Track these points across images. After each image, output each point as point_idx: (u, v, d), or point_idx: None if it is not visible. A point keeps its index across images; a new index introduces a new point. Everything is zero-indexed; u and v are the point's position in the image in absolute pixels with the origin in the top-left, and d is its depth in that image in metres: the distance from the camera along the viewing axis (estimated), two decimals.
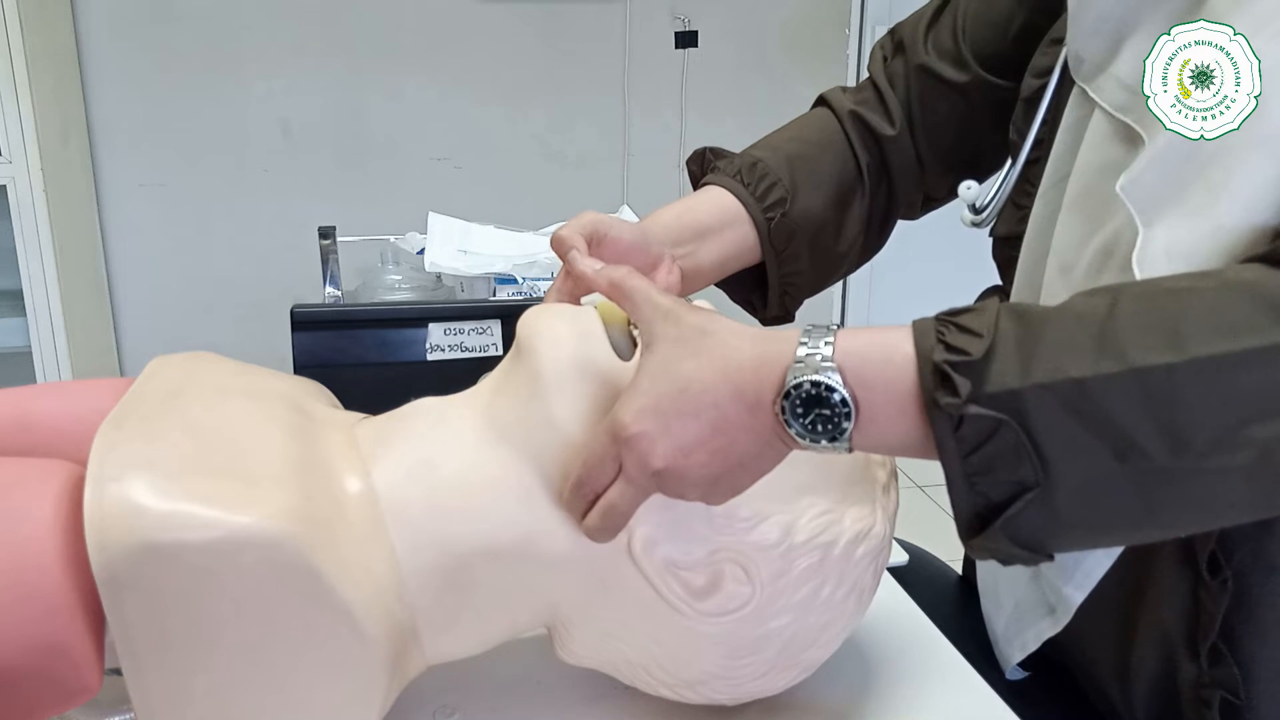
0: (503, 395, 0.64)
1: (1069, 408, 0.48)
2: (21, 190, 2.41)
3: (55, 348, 2.52)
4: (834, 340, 0.52)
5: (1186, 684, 0.67)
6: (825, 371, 0.51)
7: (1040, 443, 0.48)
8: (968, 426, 0.48)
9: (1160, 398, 0.47)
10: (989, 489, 0.50)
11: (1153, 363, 0.47)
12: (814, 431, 0.52)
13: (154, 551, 0.52)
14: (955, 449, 0.49)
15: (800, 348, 0.52)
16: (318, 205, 2.85)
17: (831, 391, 0.51)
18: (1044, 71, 0.75)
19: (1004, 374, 0.48)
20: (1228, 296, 0.49)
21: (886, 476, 0.67)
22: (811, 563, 0.62)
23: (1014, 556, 0.52)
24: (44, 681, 0.54)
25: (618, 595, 0.62)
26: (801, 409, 0.52)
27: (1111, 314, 0.49)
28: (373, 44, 2.88)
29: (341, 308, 1.26)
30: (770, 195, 0.85)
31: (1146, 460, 0.47)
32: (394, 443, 0.64)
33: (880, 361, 0.51)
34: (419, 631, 0.62)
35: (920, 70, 0.88)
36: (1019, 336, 0.49)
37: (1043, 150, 0.75)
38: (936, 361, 0.49)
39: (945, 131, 0.89)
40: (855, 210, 0.90)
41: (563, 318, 0.64)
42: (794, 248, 0.87)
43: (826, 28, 3.07)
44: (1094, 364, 0.48)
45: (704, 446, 0.54)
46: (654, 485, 0.56)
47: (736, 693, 0.67)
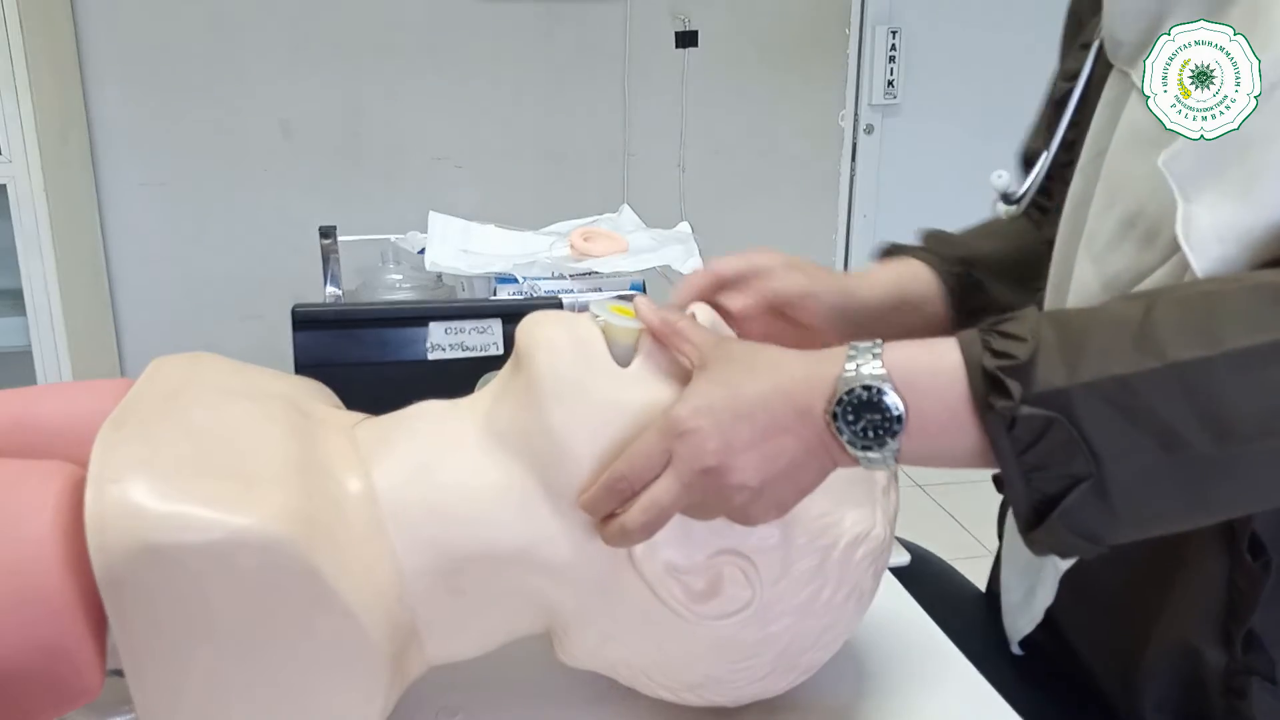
0: (502, 402, 0.64)
1: (1115, 404, 0.50)
2: (21, 190, 2.41)
3: (55, 348, 2.52)
4: (881, 352, 0.54)
5: (1213, 673, 0.68)
6: (876, 378, 0.53)
7: (1090, 437, 0.50)
8: (1020, 427, 0.51)
9: (1199, 390, 0.49)
10: (1044, 484, 0.52)
11: (1189, 357, 0.50)
12: (864, 438, 0.53)
13: (154, 553, 0.52)
14: (1010, 449, 0.51)
15: (849, 360, 0.54)
16: (318, 205, 2.85)
17: (882, 395, 0.53)
18: (1072, 75, 0.77)
19: (1051, 376, 0.51)
20: (1256, 297, 0.51)
21: (886, 479, 0.67)
22: (811, 565, 0.62)
23: (1073, 548, 0.53)
24: (45, 683, 0.54)
25: (617, 600, 0.62)
26: (853, 415, 0.53)
27: (1148, 317, 0.52)
28: (373, 44, 2.88)
29: (342, 307, 1.26)
30: (954, 253, 0.86)
31: (1191, 450, 0.50)
32: (395, 445, 0.64)
33: (928, 369, 0.53)
34: (419, 632, 0.62)
35: None
36: (1060, 340, 0.52)
37: (1073, 153, 0.76)
38: (987, 368, 0.52)
39: None
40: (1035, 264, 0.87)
41: (561, 326, 0.64)
42: (979, 302, 0.85)
43: (826, 27, 3.07)
44: (1135, 362, 0.50)
45: (755, 449, 0.55)
46: (701, 484, 0.56)
47: (736, 695, 0.67)
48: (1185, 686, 0.70)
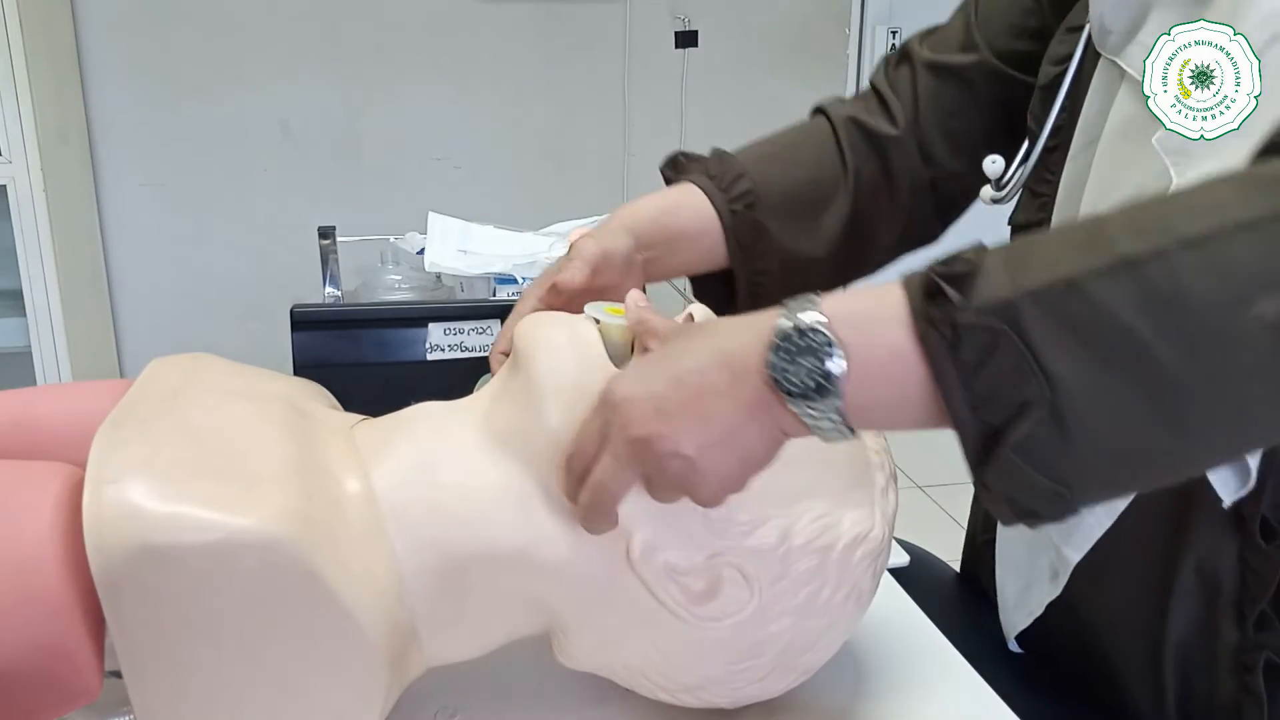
0: (501, 403, 0.64)
1: (1065, 312, 0.45)
2: (21, 190, 2.41)
3: (55, 348, 2.52)
4: (819, 300, 0.50)
5: (1226, 649, 0.68)
6: (812, 319, 0.49)
7: (1040, 353, 0.45)
8: (965, 347, 0.46)
9: (1156, 286, 0.45)
10: (994, 414, 0.46)
11: (1141, 250, 0.45)
12: (803, 389, 0.49)
13: (153, 554, 0.52)
14: (955, 376, 0.46)
15: (784, 313, 0.50)
16: (317, 205, 2.85)
17: (817, 334, 0.48)
18: (1062, 59, 0.76)
19: (995, 285, 0.46)
20: (1212, 186, 0.48)
21: (885, 479, 0.67)
22: (810, 566, 0.62)
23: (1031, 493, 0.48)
24: (44, 684, 0.54)
25: (616, 601, 0.62)
26: (789, 365, 0.49)
27: (1100, 222, 0.48)
28: (373, 44, 2.88)
29: (341, 307, 1.26)
30: (736, 187, 0.84)
31: (1154, 359, 0.45)
32: (394, 445, 0.64)
33: (868, 308, 0.49)
34: (419, 633, 0.62)
35: (927, 66, 0.88)
36: (1006, 255, 0.48)
37: (1061, 138, 0.75)
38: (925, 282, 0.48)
39: (954, 118, 0.87)
40: (833, 213, 0.87)
41: (561, 327, 0.64)
42: (763, 245, 0.85)
43: (826, 27, 3.07)
44: (1083, 262, 0.46)
45: (686, 413, 0.52)
46: (634, 456, 0.54)
47: (735, 697, 0.67)
48: (1203, 665, 0.70)
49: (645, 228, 0.80)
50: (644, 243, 0.80)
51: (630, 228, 0.79)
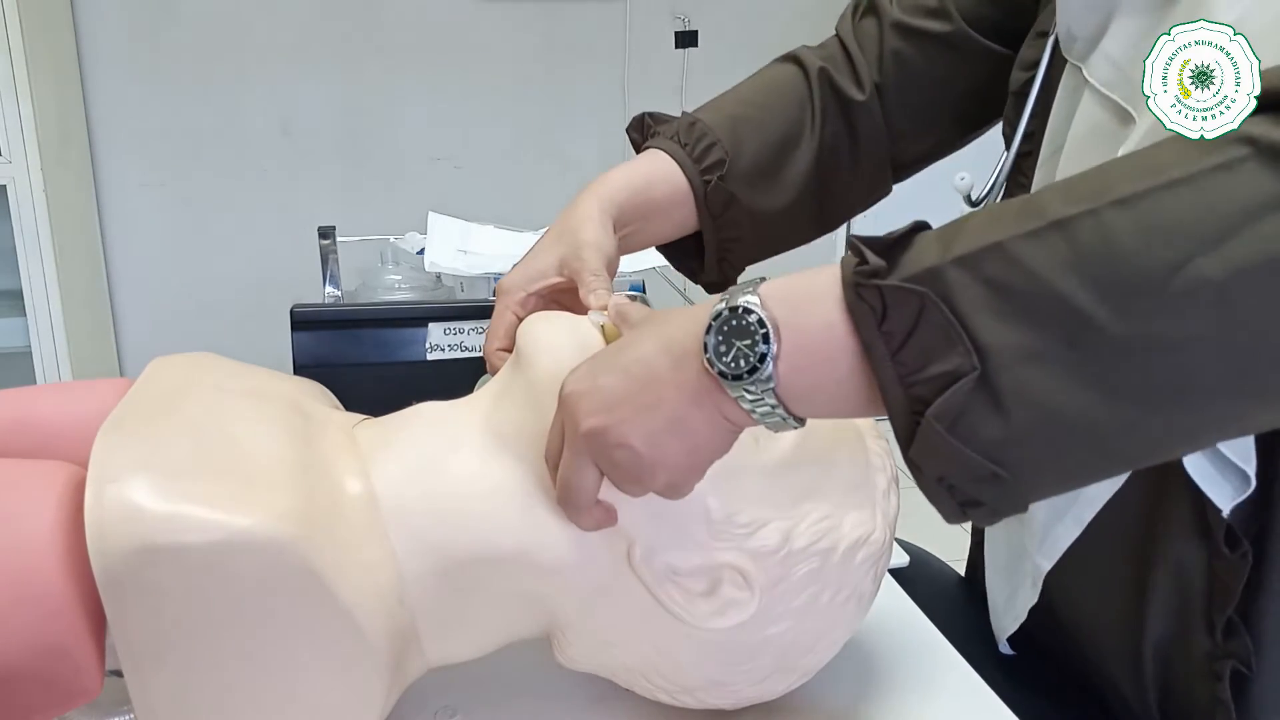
0: (503, 404, 0.64)
1: (991, 276, 0.43)
2: (21, 190, 2.41)
3: (55, 348, 2.52)
4: (759, 281, 0.50)
5: (1199, 656, 0.68)
6: (746, 300, 0.48)
7: (968, 320, 0.43)
8: (891, 317, 0.45)
9: (1088, 247, 0.42)
10: (923, 388, 0.44)
11: (1074, 212, 0.43)
12: (737, 367, 0.48)
13: (154, 553, 0.52)
14: (883, 349, 0.45)
15: (723, 297, 0.50)
16: (318, 205, 2.85)
17: (750, 314, 0.48)
18: (1031, 65, 0.76)
19: (924, 255, 0.45)
20: (1154, 148, 0.45)
21: (887, 481, 0.67)
22: (811, 569, 0.62)
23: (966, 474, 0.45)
24: (44, 683, 0.54)
25: (616, 603, 0.62)
26: (724, 346, 0.48)
27: (1040, 191, 0.46)
28: (373, 44, 2.88)
29: (341, 307, 1.26)
30: (708, 156, 0.83)
31: (1089, 327, 0.42)
32: (395, 445, 0.64)
33: (803, 285, 0.49)
34: (419, 634, 0.62)
35: (895, 27, 0.86)
36: (943, 229, 0.47)
37: (1034, 143, 0.75)
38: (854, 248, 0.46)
39: (918, 88, 0.86)
40: (796, 165, 0.86)
41: (562, 328, 0.64)
42: (733, 213, 0.84)
43: (826, 27, 3.06)
44: (1014, 227, 0.44)
45: (629, 403, 0.52)
46: (587, 449, 0.54)
47: (735, 698, 0.67)
48: (1179, 672, 0.70)
49: (625, 209, 0.80)
50: (622, 222, 0.79)
51: (611, 215, 0.78)
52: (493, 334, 0.75)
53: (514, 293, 0.76)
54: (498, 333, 0.74)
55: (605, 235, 0.76)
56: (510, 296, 0.76)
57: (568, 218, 0.77)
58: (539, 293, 0.75)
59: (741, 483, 0.61)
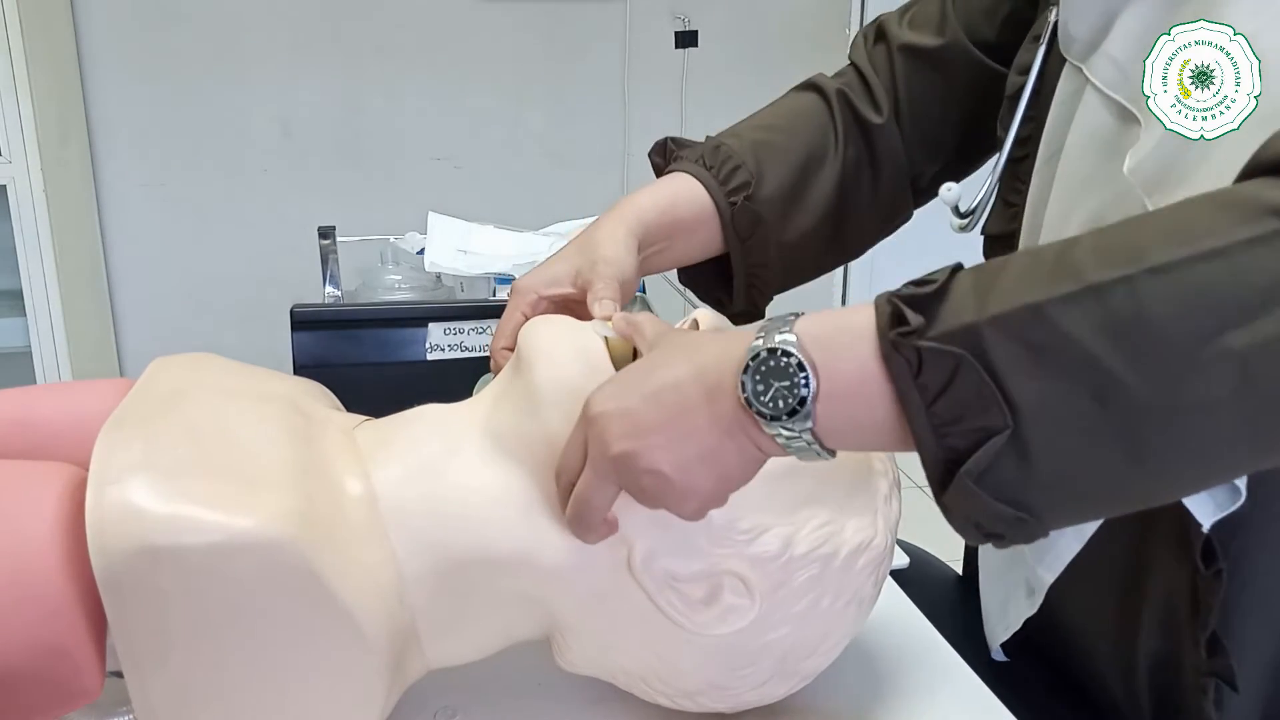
0: (503, 408, 0.64)
1: (1029, 339, 0.45)
2: (21, 190, 2.41)
3: (55, 348, 2.52)
4: (794, 319, 0.51)
5: (1189, 670, 0.68)
6: (783, 340, 0.49)
7: (1003, 380, 0.45)
8: (927, 371, 0.46)
9: (1121, 314, 0.44)
10: (958, 440, 0.46)
11: (1109, 277, 0.44)
12: (776, 408, 0.49)
13: (155, 554, 0.52)
14: (918, 401, 0.46)
15: (759, 333, 0.51)
16: (318, 205, 2.85)
17: (789, 357, 0.49)
18: (1026, 69, 0.75)
19: (959, 310, 0.46)
20: (1185, 209, 0.47)
21: (888, 487, 0.67)
22: (812, 574, 0.62)
23: (995, 518, 0.48)
24: (45, 684, 0.54)
25: (616, 607, 0.62)
26: (761, 384, 0.49)
27: (1070, 245, 0.47)
28: (373, 44, 2.88)
29: (341, 307, 1.26)
30: (734, 179, 0.83)
31: (1119, 390, 0.44)
32: (395, 447, 0.64)
33: (837, 327, 0.50)
34: (419, 635, 0.62)
35: (903, 50, 0.87)
36: (976, 278, 0.48)
37: (1029, 147, 0.74)
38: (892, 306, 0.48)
39: (929, 110, 0.87)
40: (819, 187, 0.86)
41: (564, 333, 0.64)
42: (760, 235, 0.84)
43: (826, 27, 3.07)
44: (1049, 288, 0.45)
45: (662, 431, 0.52)
46: (613, 471, 0.54)
47: (734, 703, 0.67)
48: (1170, 683, 0.70)
49: (651, 230, 0.80)
50: (647, 242, 0.79)
51: (637, 235, 0.78)
52: (500, 332, 0.75)
53: (527, 294, 0.76)
54: (505, 331, 0.74)
55: (625, 254, 0.75)
56: (522, 297, 0.76)
57: (591, 233, 0.77)
58: (550, 297, 0.75)
59: (742, 489, 0.60)
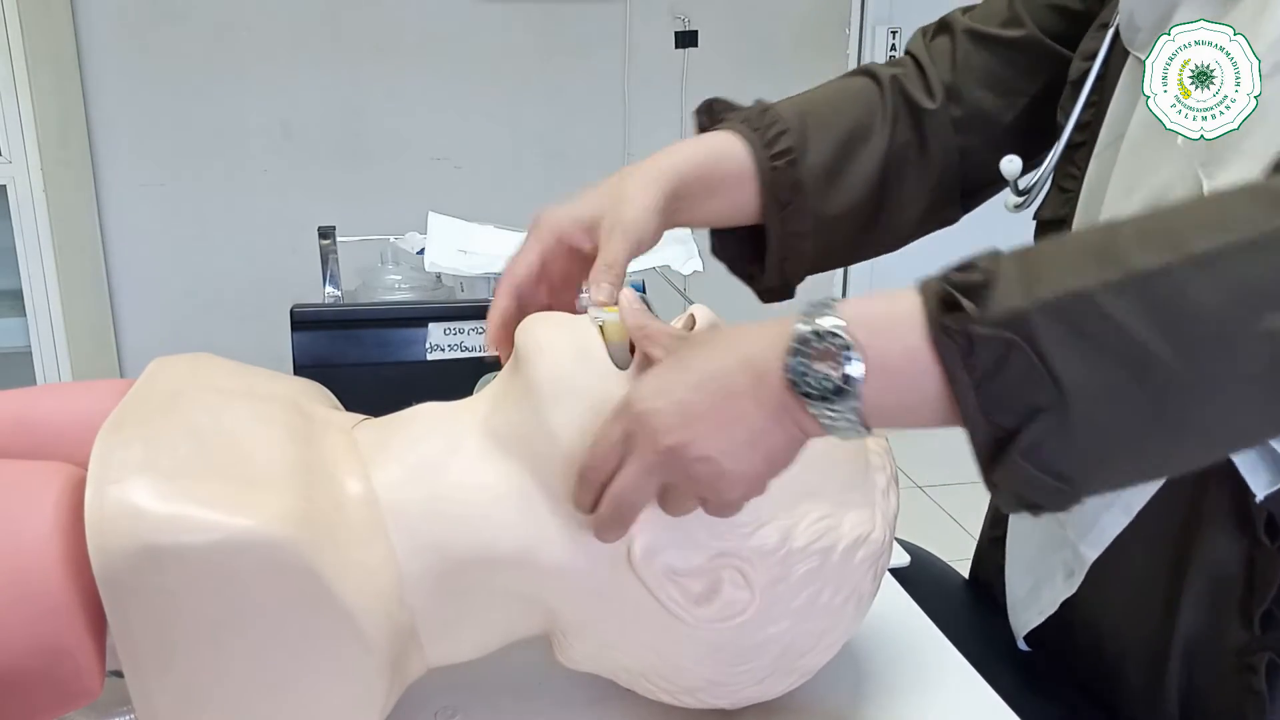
0: (502, 405, 0.64)
1: (1075, 323, 0.47)
2: (21, 190, 2.41)
3: (55, 348, 2.52)
4: (835, 302, 0.52)
5: (1231, 650, 0.68)
6: (831, 323, 0.50)
7: (1051, 363, 0.47)
8: (978, 354, 0.48)
9: (1163, 300, 0.47)
10: (1005, 419, 0.48)
11: (1152, 265, 0.47)
12: (822, 391, 0.50)
13: (155, 554, 0.52)
14: (968, 381, 0.48)
15: (803, 317, 0.52)
16: (318, 205, 2.85)
17: (835, 340, 0.50)
18: (1091, 55, 0.76)
19: (1009, 296, 0.48)
20: (1224, 199, 0.49)
21: (886, 481, 0.67)
22: (810, 568, 0.62)
23: (1038, 491, 0.50)
24: (45, 684, 0.54)
25: (616, 603, 0.62)
26: (806, 368, 0.51)
27: (1113, 232, 0.50)
28: (373, 44, 2.88)
29: (341, 307, 1.26)
30: (778, 144, 0.81)
31: (1160, 369, 0.47)
32: (395, 446, 0.64)
33: (884, 312, 0.51)
34: (419, 634, 0.62)
35: (968, 33, 0.86)
36: (1021, 264, 0.49)
37: (1088, 134, 0.75)
38: (940, 291, 0.49)
39: (990, 96, 0.85)
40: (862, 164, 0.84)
41: (561, 329, 0.64)
42: (798, 203, 0.82)
43: (826, 27, 3.07)
44: (1095, 275, 0.47)
45: (711, 418, 0.53)
46: (663, 465, 0.55)
47: (735, 698, 0.67)
48: (1209, 665, 0.70)
49: (686, 183, 0.78)
50: (680, 192, 0.77)
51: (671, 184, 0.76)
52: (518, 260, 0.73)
53: (547, 231, 0.73)
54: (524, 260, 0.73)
55: (649, 217, 0.73)
56: (543, 232, 0.73)
57: (624, 183, 0.75)
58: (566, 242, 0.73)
59: None
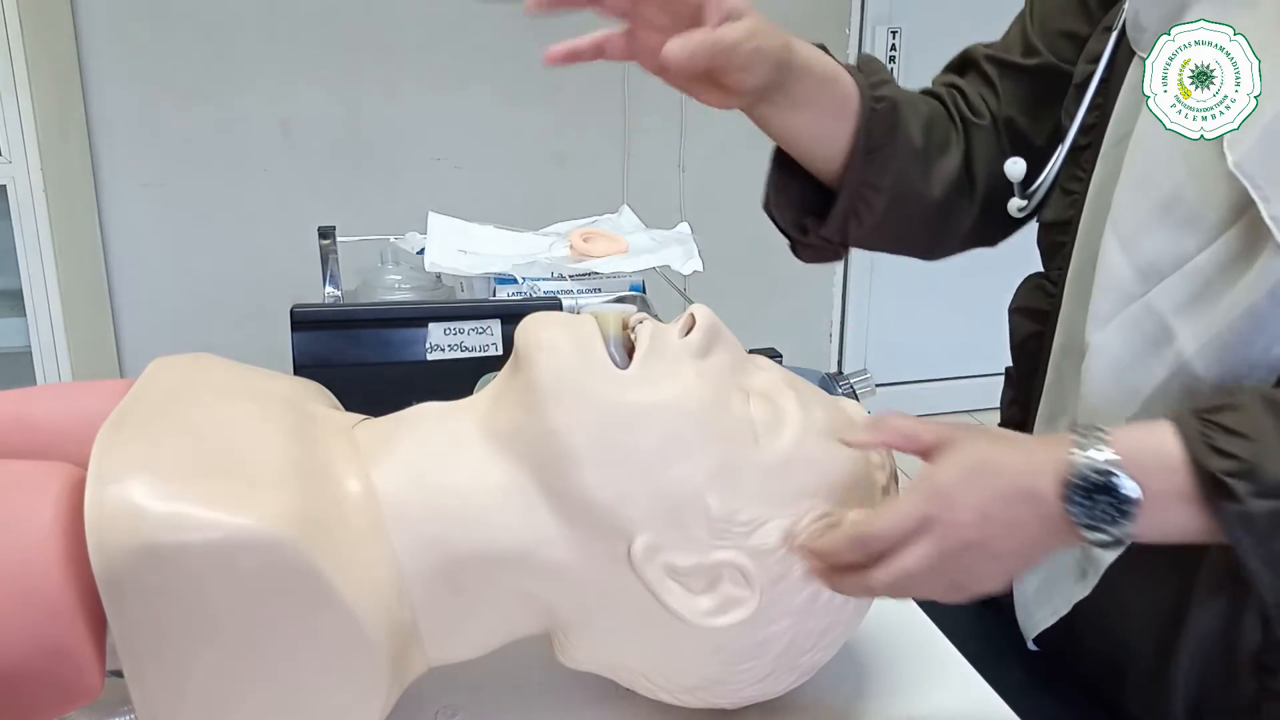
0: (502, 404, 0.64)
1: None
2: (21, 190, 2.41)
3: (55, 348, 2.52)
4: (1106, 437, 0.57)
5: (1248, 650, 0.68)
6: (1108, 462, 0.57)
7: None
8: (1258, 523, 0.55)
9: None
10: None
11: None
12: (1097, 518, 0.57)
13: (154, 553, 0.52)
14: (1251, 544, 0.56)
15: (1076, 446, 0.58)
16: (317, 205, 2.85)
17: (1114, 479, 0.56)
18: (1095, 57, 0.76)
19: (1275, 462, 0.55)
20: None
21: (886, 479, 0.67)
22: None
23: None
24: (45, 683, 0.54)
25: (617, 603, 0.62)
26: (1086, 499, 0.57)
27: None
28: (372, 44, 2.88)
29: (341, 307, 1.26)
30: (880, 89, 0.81)
31: None
32: (395, 445, 0.64)
33: (1154, 457, 0.57)
34: (419, 633, 0.62)
35: (991, 61, 0.87)
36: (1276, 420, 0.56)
37: (1093, 135, 0.76)
38: (1213, 470, 0.55)
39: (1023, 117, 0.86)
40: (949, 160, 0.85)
41: (561, 328, 0.64)
42: (887, 154, 0.81)
43: (826, 28, 3.07)
44: None
45: (1004, 524, 0.58)
46: (961, 556, 0.58)
47: (735, 697, 0.67)
48: (1220, 665, 0.70)
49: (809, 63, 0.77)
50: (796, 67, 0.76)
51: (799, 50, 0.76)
52: None
53: None
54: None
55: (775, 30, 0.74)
56: None
57: None
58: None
59: (741, 481, 0.61)
